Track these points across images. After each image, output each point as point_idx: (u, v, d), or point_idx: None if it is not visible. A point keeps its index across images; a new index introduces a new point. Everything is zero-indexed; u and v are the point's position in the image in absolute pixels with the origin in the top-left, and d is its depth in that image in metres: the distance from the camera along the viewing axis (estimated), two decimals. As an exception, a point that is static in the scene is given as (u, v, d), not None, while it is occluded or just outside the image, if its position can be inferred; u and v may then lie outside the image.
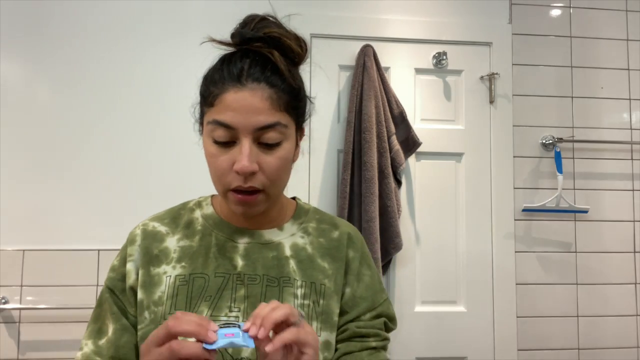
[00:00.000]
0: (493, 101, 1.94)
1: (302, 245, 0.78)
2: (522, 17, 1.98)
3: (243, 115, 0.65)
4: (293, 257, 0.76)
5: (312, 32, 1.87)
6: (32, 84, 1.78)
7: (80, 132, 1.78)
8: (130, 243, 0.77)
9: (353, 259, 0.79)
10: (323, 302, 0.74)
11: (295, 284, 0.73)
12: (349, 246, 0.80)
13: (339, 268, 0.77)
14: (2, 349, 1.69)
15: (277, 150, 0.68)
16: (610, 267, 1.95)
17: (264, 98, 0.65)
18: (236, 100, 0.65)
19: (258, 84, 0.66)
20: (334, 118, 1.88)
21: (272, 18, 0.72)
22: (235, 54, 0.70)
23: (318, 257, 0.77)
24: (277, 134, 0.67)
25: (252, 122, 0.65)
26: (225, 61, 0.70)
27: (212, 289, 0.71)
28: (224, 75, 0.67)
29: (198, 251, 0.75)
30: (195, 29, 1.84)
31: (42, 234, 1.74)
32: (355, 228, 0.85)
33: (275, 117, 0.66)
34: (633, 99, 2.01)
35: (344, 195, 1.76)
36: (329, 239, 0.79)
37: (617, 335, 1.93)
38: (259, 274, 0.73)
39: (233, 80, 0.66)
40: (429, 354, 1.85)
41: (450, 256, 1.89)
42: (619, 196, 1.97)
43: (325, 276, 0.75)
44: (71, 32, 1.80)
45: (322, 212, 0.85)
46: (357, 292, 0.77)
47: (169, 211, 0.82)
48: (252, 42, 0.70)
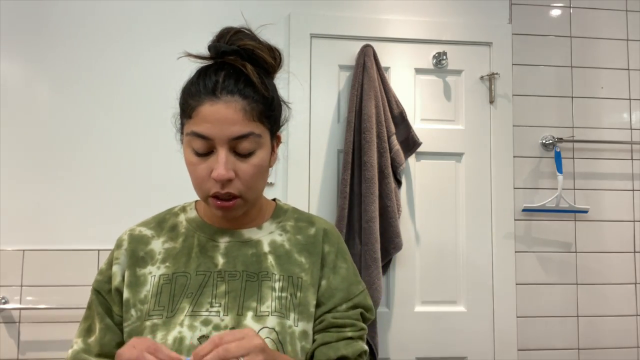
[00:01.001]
0: (493, 101, 1.94)
1: (280, 242, 0.82)
2: (522, 17, 1.98)
3: (218, 126, 0.69)
4: (271, 253, 0.80)
5: (312, 32, 1.87)
6: (32, 83, 1.78)
7: (80, 132, 1.78)
8: (117, 247, 0.81)
9: (329, 253, 0.83)
10: (300, 294, 0.77)
11: (273, 277, 0.77)
12: (325, 241, 0.84)
13: (315, 262, 0.81)
14: (2, 349, 1.69)
15: (252, 158, 0.72)
16: (610, 267, 1.95)
17: (237, 110, 0.70)
18: (211, 112, 0.69)
19: (232, 96, 0.70)
20: (334, 118, 1.88)
21: (246, 30, 0.76)
22: (211, 67, 0.74)
23: (295, 253, 0.81)
24: (251, 144, 0.71)
25: (226, 133, 0.69)
26: (202, 74, 0.74)
27: (194, 286, 0.76)
28: (199, 88, 0.72)
29: (181, 252, 0.79)
30: (194, 29, 1.84)
31: (42, 234, 1.73)
32: (331, 224, 0.89)
33: (249, 127, 0.71)
34: (633, 99, 2.01)
35: (344, 195, 1.76)
36: (306, 236, 0.84)
37: (617, 335, 1.93)
38: (239, 270, 0.77)
39: (208, 93, 0.70)
40: (429, 354, 1.85)
41: (450, 256, 1.89)
42: (619, 196, 1.97)
43: (302, 270, 0.79)
44: (71, 32, 1.80)
45: (300, 212, 0.89)
46: (333, 283, 0.81)
47: (155, 217, 0.86)
48: (226, 55, 0.74)
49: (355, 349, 0.78)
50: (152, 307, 0.75)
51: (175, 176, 1.78)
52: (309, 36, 1.87)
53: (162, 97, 1.81)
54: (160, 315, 0.74)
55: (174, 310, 0.74)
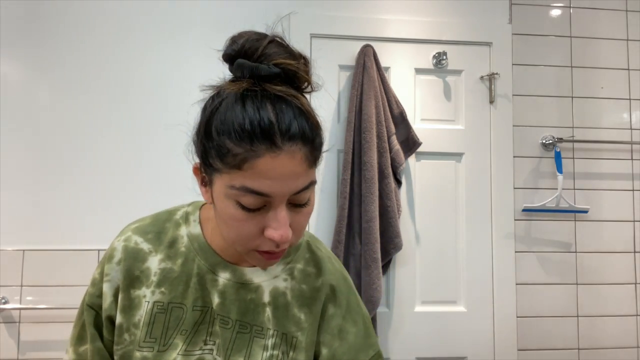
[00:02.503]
0: (493, 101, 1.94)
1: (283, 290, 0.73)
2: (522, 17, 1.98)
3: (281, 183, 0.57)
4: (270, 304, 0.72)
5: (312, 32, 1.87)
6: (32, 84, 1.78)
7: (80, 133, 1.78)
8: (109, 259, 0.73)
9: (333, 316, 0.74)
10: (292, 354, 0.71)
11: (267, 333, 0.71)
12: (329, 300, 0.75)
13: (313, 323, 0.73)
14: (2, 349, 1.69)
15: (307, 206, 0.62)
16: (610, 267, 1.95)
17: (302, 161, 0.57)
18: (273, 167, 0.55)
19: (295, 144, 0.56)
20: (334, 118, 1.88)
21: (279, 39, 0.61)
22: (256, 99, 0.57)
23: (295, 307, 0.73)
24: (310, 193, 0.61)
25: (290, 189, 0.58)
26: (247, 109, 0.56)
27: (189, 323, 0.70)
28: (252, 132, 0.55)
29: (179, 277, 0.72)
30: (197, 30, 1.84)
31: (42, 234, 1.73)
32: (342, 276, 0.78)
33: (310, 176, 0.60)
34: (633, 99, 2.01)
35: (344, 195, 1.76)
36: (311, 288, 0.74)
37: (617, 335, 1.93)
38: (232, 318, 0.70)
39: (266, 142, 0.55)
40: (429, 354, 1.85)
41: (450, 256, 1.89)
42: (619, 196, 1.97)
43: (298, 328, 0.72)
44: (71, 32, 1.80)
45: (314, 249, 0.78)
46: (339, 352, 0.73)
47: (154, 221, 0.76)
48: (266, 80, 0.59)
49: None
50: (143, 338, 0.69)
51: (175, 176, 1.78)
52: (309, 36, 1.87)
53: (162, 97, 1.81)
54: (151, 349, 0.69)
55: (166, 345, 0.69)
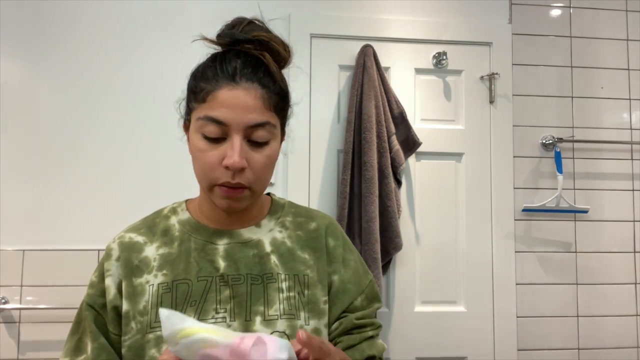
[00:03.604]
0: (493, 101, 1.94)
1: (281, 239, 0.79)
2: (522, 17, 1.98)
3: (236, 112, 0.67)
4: (274, 252, 0.77)
5: (312, 32, 1.87)
6: (31, 84, 1.78)
7: (80, 132, 1.78)
8: (107, 258, 0.76)
9: (335, 247, 0.81)
10: (308, 292, 0.76)
11: (278, 278, 0.75)
12: (328, 235, 0.82)
13: (319, 258, 0.79)
14: (2, 349, 1.69)
15: (265, 148, 0.70)
16: (610, 267, 1.95)
17: (256, 97, 0.68)
18: (230, 97, 0.67)
19: (251, 83, 0.68)
20: (334, 118, 1.88)
21: (259, 22, 0.76)
22: (228, 53, 0.72)
23: (298, 250, 0.79)
24: (267, 133, 0.69)
25: (244, 120, 0.67)
26: (218, 59, 0.71)
27: (197, 294, 0.72)
28: (217, 72, 0.69)
29: (178, 257, 0.75)
30: (194, 29, 1.82)
31: (42, 234, 1.73)
32: (331, 217, 0.87)
33: (266, 116, 0.69)
34: (633, 99, 2.01)
35: (344, 195, 1.76)
36: (307, 231, 0.81)
37: (617, 335, 1.93)
38: (242, 274, 0.74)
39: (227, 78, 0.68)
40: (429, 354, 1.85)
41: (450, 256, 1.89)
42: (619, 196, 1.97)
43: (307, 267, 0.77)
44: (70, 32, 1.80)
45: (296, 205, 0.87)
46: (345, 277, 0.80)
47: (144, 221, 0.82)
48: (242, 43, 0.72)
49: (379, 348, 0.79)
50: (153, 319, 0.71)
51: (175, 176, 1.78)
52: (309, 36, 1.87)
53: (162, 96, 1.81)
54: None
55: None
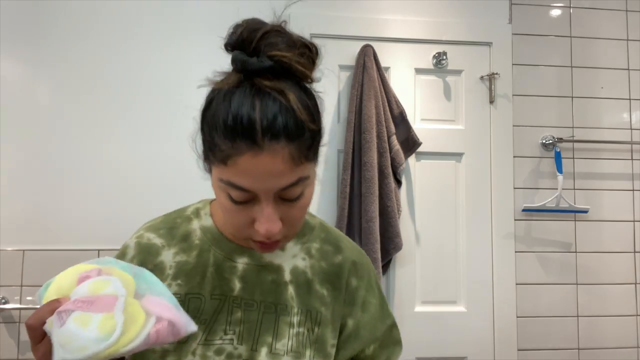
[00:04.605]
0: (493, 101, 1.94)
1: (303, 268, 0.74)
2: (522, 17, 1.98)
3: (263, 181, 0.57)
4: (292, 282, 0.73)
5: (312, 32, 1.87)
6: (32, 84, 1.78)
7: (81, 132, 1.78)
8: (121, 257, 0.74)
9: (357, 288, 0.76)
10: (318, 330, 0.72)
11: (292, 311, 0.71)
12: (352, 274, 0.76)
13: (337, 297, 0.74)
14: (2, 349, 1.69)
15: (300, 200, 0.62)
16: (610, 267, 1.95)
17: (285, 159, 0.57)
18: (254, 166, 0.56)
19: (277, 142, 0.56)
20: (334, 118, 1.88)
21: (277, 28, 0.61)
22: (242, 94, 0.58)
23: (317, 283, 0.74)
24: (300, 188, 0.61)
25: (273, 186, 0.58)
26: (232, 108, 0.57)
27: (208, 312, 0.70)
28: (234, 129, 0.56)
29: (195, 269, 0.72)
30: (194, 29, 1.84)
31: (42, 234, 1.73)
32: (360, 251, 0.80)
33: (297, 173, 0.59)
34: (633, 99, 2.01)
35: (344, 195, 1.76)
36: (331, 264, 0.76)
37: (617, 335, 1.93)
38: (257, 300, 0.71)
39: (247, 140, 0.55)
40: (429, 354, 1.85)
41: (450, 256, 1.89)
42: (619, 196, 1.97)
43: (322, 304, 0.73)
44: (71, 32, 1.80)
45: (327, 229, 0.80)
46: (362, 322, 0.75)
47: (165, 219, 0.78)
48: (257, 75, 0.58)
49: None
50: None
51: (176, 176, 1.78)
52: (309, 36, 1.87)
53: (162, 97, 1.81)
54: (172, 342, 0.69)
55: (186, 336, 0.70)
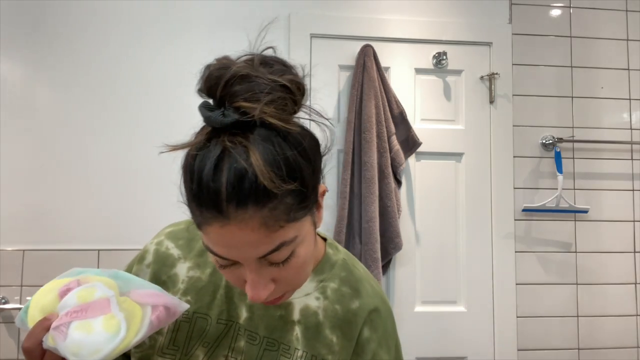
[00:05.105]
0: (493, 101, 1.94)
1: (314, 309, 0.69)
2: (522, 17, 1.98)
3: (236, 251, 0.53)
4: (300, 323, 0.68)
5: (312, 32, 1.87)
6: (32, 84, 1.78)
7: (81, 132, 1.78)
8: (140, 260, 0.74)
9: (368, 340, 0.70)
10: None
11: (295, 354, 0.67)
12: (366, 324, 0.70)
13: (346, 347, 0.69)
14: (2, 349, 1.69)
15: (291, 260, 0.56)
16: (610, 267, 1.95)
17: (255, 228, 0.50)
18: (223, 237, 0.52)
19: (244, 211, 0.49)
20: (334, 118, 1.88)
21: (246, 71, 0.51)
22: (206, 157, 0.51)
23: (327, 328, 0.69)
24: (286, 251, 0.54)
25: (249, 256, 0.53)
26: (196, 169, 0.51)
27: (212, 336, 0.69)
28: (199, 197, 0.51)
29: (206, 287, 0.71)
30: (195, 29, 1.84)
31: (42, 234, 1.73)
32: (382, 298, 0.73)
33: (277, 239, 0.53)
34: (633, 99, 2.01)
35: (344, 196, 1.76)
36: (346, 310, 0.70)
37: (617, 335, 1.93)
38: (260, 335, 0.68)
39: (212, 209, 0.50)
40: (429, 354, 1.85)
41: (450, 256, 1.89)
42: (619, 196, 1.97)
43: (329, 351, 0.68)
44: (71, 32, 1.80)
45: (350, 268, 0.73)
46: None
47: (187, 227, 0.75)
48: (224, 130, 0.51)
49: None
50: (166, 344, 0.69)
51: (177, 177, 1.77)
52: (309, 36, 1.87)
53: (163, 97, 1.81)
54: (173, 356, 0.69)
55: (187, 355, 0.68)
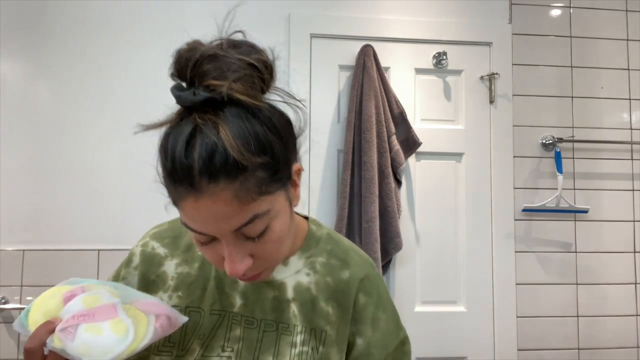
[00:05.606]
0: (493, 101, 1.94)
1: (306, 285, 0.71)
2: (522, 17, 1.98)
3: (211, 224, 0.54)
4: (295, 300, 0.70)
5: (312, 32, 1.87)
6: (32, 83, 1.78)
7: (81, 132, 1.78)
8: (127, 264, 0.75)
9: (365, 305, 0.72)
10: (322, 349, 0.69)
11: (294, 330, 0.69)
12: (360, 291, 0.72)
13: (343, 316, 0.71)
14: (2, 349, 1.69)
15: (267, 235, 0.58)
16: (610, 267, 1.95)
17: (228, 201, 0.52)
18: (197, 211, 0.54)
19: (215, 184, 0.52)
20: (334, 118, 1.88)
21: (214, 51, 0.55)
22: (179, 136, 0.55)
23: (322, 301, 0.71)
24: (261, 224, 0.56)
25: (224, 229, 0.55)
26: (169, 147, 0.55)
27: (206, 327, 0.69)
28: (173, 173, 0.54)
29: (196, 281, 0.71)
30: (194, 29, 1.84)
31: (42, 234, 1.74)
32: (369, 264, 0.77)
33: (249, 212, 0.54)
34: (633, 99, 2.01)
35: (344, 195, 1.76)
36: (337, 280, 0.72)
37: (617, 335, 1.93)
38: (257, 318, 0.69)
39: (186, 184, 0.53)
40: (429, 354, 1.85)
41: (450, 256, 1.89)
42: (619, 196, 1.97)
43: (327, 322, 0.70)
44: (71, 32, 1.80)
45: (335, 241, 0.76)
46: (372, 341, 0.72)
47: (171, 226, 0.77)
48: (195, 109, 0.55)
49: None
50: (162, 342, 0.69)
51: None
52: (309, 36, 1.87)
53: (163, 97, 1.80)
54: (170, 353, 0.68)
55: (184, 350, 0.68)
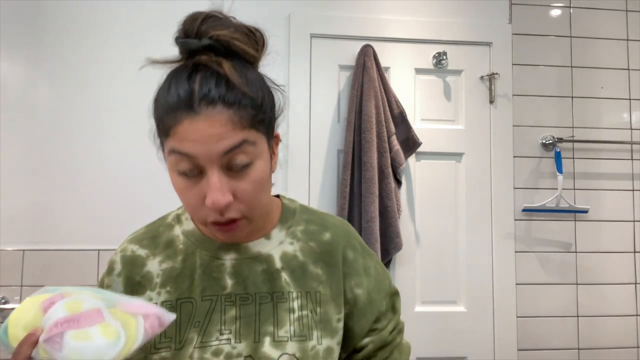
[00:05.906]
0: (493, 101, 1.94)
1: (293, 253, 0.74)
2: (522, 17, 1.98)
3: (203, 145, 0.58)
4: (284, 269, 0.72)
5: (312, 32, 1.87)
6: (32, 83, 1.78)
7: (80, 132, 1.78)
8: (108, 273, 0.74)
9: (355, 259, 0.77)
10: (320, 309, 0.72)
11: (289, 296, 0.71)
12: (347, 247, 0.77)
13: (333, 273, 0.74)
14: (2, 349, 1.68)
15: (250, 172, 0.62)
16: (610, 267, 1.95)
17: (222, 123, 0.58)
18: (193, 131, 0.58)
19: (213, 107, 0.58)
20: (334, 118, 1.88)
21: (217, 14, 0.64)
22: (183, 71, 0.62)
23: (310, 264, 0.74)
24: (246, 155, 0.61)
25: (214, 150, 0.58)
26: (173, 82, 0.62)
27: (200, 314, 0.69)
28: (173, 101, 0.60)
29: (182, 273, 0.72)
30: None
31: (42, 234, 1.73)
32: (345, 222, 0.82)
33: (240, 136, 0.60)
34: (633, 99, 2.01)
35: (344, 195, 1.76)
36: (320, 242, 0.76)
37: (617, 335, 1.93)
38: (251, 293, 0.70)
39: (184, 108, 0.59)
40: (429, 354, 1.85)
41: (450, 256, 1.89)
42: (619, 196, 1.97)
43: (319, 283, 0.73)
44: (70, 32, 1.80)
45: (308, 211, 0.80)
46: (370, 287, 0.77)
47: (147, 229, 0.78)
48: (197, 54, 0.62)
49: (407, 351, 0.83)
50: (158, 340, 0.68)
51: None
52: (309, 36, 1.87)
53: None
54: (169, 348, 0.68)
55: (182, 342, 0.68)
